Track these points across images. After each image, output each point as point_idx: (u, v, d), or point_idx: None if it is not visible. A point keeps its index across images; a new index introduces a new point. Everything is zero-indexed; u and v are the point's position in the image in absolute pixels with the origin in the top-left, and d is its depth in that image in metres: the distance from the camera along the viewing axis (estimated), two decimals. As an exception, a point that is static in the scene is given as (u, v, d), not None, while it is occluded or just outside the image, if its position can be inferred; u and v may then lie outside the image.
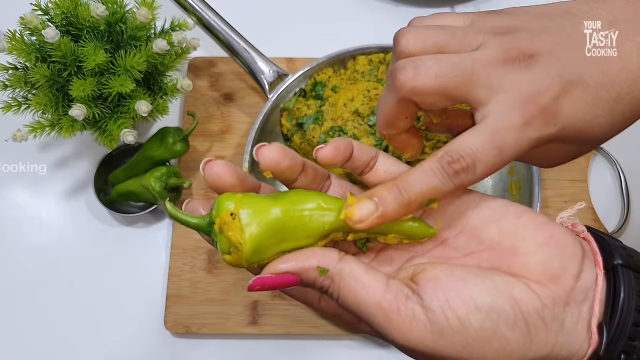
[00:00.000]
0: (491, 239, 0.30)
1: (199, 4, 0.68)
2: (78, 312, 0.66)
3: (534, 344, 0.27)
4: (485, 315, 0.26)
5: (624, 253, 0.29)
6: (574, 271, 0.28)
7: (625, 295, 0.27)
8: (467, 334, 0.26)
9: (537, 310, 0.27)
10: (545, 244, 0.28)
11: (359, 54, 0.70)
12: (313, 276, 0.28)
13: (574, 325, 0.28)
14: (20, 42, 0.59)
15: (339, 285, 0.28)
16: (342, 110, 0.66)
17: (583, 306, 0.28)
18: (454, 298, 0.27)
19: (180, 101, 0.77)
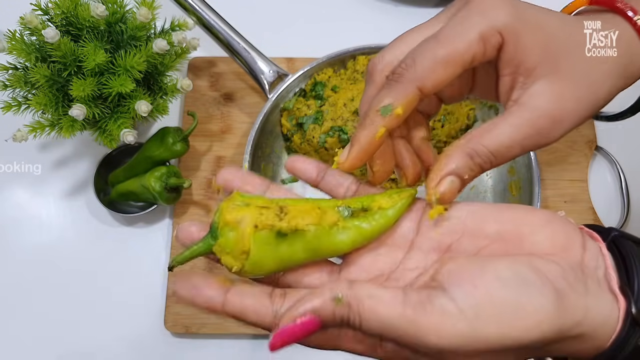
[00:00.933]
0: (495, 232, 0.30)
1: (199, 4, 0.68)
2: (78, 311, 0.66)
3: (565, 307, 0.27)
4: (515, 286, 0.27)
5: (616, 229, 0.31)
6: (579, 242, 0.29)
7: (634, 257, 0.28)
8: (502, 309, 0.26)
9: (560, 273, 0.27)
10: (546, 223, 0.30)
11: (359, 53, 0.70)
12: (331, 309, 0.27)
13: (597, 289, 0.28)
14: (20, 42, 0.59)
15: (357, 309, 0.27)
16: (342, 110, 0.66)
17: (599, 273, 0.29)
18: (478, 279, 0.27)
19: (180, 101, 0.77)
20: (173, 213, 0.70)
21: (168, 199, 0.65)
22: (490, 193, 0.71)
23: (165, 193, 0.64)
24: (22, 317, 0.66)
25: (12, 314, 0.66)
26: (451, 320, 0.26)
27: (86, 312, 0.66)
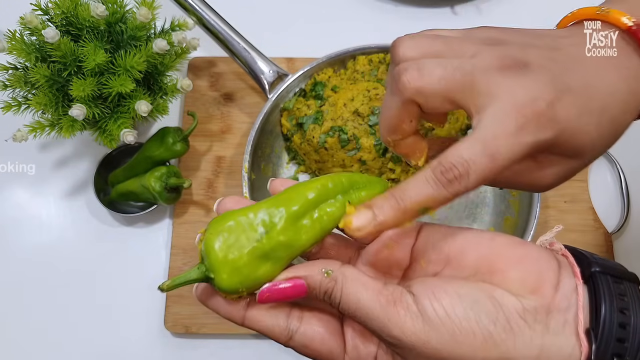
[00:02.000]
0: (471, 264, 0.31)
1: (199, 4, 0.68)
2: (78, 311, 0.66)
3: (518, 341, 0.28)
4: (468, 307, 0.28)
5: (600, 262, 0.30)
6: (551, 282, 0.29)
7: (607, 299, 0.28)
8: (452, 324, 0.28)
9: (517, 311, 0.28)
10: (520, 260, 0.30)
11: (359, 53, 0.70)
12: (319, 279, 0.30)
13: (560, 330, 0.28)
14: (20, 42, 0.59)
15: (342, 285, 0.29)
16: (342, 110, 0.66)
17: (568, 313, 0.28)
18: (440, 292, 0.28)
19: (180, 101, 0.77)
20: (173, 213, 0.70)
21: (168, 199, 0.65)
22: (490, 192, 0.71)
23: (165, 193, 0.64)
24: (22, 317, 0.66)
25: (12, 314, 0.66)
26: (412, 319, 0.28)
27: (86, 312, 0.66)
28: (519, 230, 0.64)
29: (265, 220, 0.30)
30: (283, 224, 0.30)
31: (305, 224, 0.31)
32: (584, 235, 0.69)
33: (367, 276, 0.30)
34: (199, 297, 0.32)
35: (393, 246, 0.32)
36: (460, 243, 0.31)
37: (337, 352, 0.32)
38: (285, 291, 0.30)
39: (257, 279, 0.30)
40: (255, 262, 0.30)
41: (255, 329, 0.31)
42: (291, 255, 0.31)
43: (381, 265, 0.33)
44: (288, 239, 0.30)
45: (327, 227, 0.32)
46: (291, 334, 0.31)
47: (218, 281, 0.30)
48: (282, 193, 0.32)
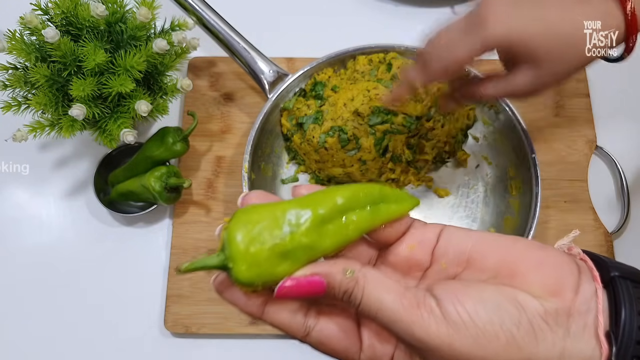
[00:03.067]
0: (492, 266, 0.31)
1: (198, 3, 0.68)
2: (77, 311, 0.66)
3: (541, 344, 0.28)
4: (492, 310, 0.28)
5: (619, 266, 0.31)
6: (572, 285, 0.29)
7: (627, 302, 0.28)
8: (476, 327, 0.28)
9: (540, 314, 0.28)
10: (541, 264, 0.30)
11: (359, 53, 0.70)
12: (339, 279, 0.29)
13: (580, 333, 0.29)
14: (20, 41, 0.59)
15: (363, 286, 0.29)
16: (342, 110, 0.66)
17: (588, 317, 0.29)
18: (464, 296, 0.29)
19: (180, 101, 0.77)
20: (173, 213, 0.70)
21: (168, 199, 0.65)
22: (490, 193, 0.71)
23: (165, 193, 0.64)
24: (22, 317, 0.66)
25: (12, 314, 0.66)
26: (436, 322, 0.28)
27: (86, 312, 0.66)
28: (519, 230, 0.64)
29: (291, 220, 0.30)
30: (308, 226, 0.30)
31: (330, 229, 0.30)
32: (584, 235, 0.69)
33: (389, 279, 0.30)
34: (217, 288, 0.31)
35: (414, 247, 0.33)
36: (481, 246, 0.32)
37: (353, 351, 0.32)
38: (304, 288, 0.29)
39: (274, 275, 0.29)
40: (275, 259, 0.29)
41: (274, 323, 0.31)
42: (311, 258, 0.30)
43: (402, 266, 0.33)
44: (311, 241, 0.30)
45: (351, 237, 0.31)
46: (308, 331, 0.31)
47: (236, 272, 0.29)
48: (311, 194, 0.31)
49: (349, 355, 0.32)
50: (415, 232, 0.33)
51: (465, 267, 0.32)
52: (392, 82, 0.67)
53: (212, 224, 0.69)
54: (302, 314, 0.31)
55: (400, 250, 0.33)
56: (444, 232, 0.33)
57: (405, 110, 0.65)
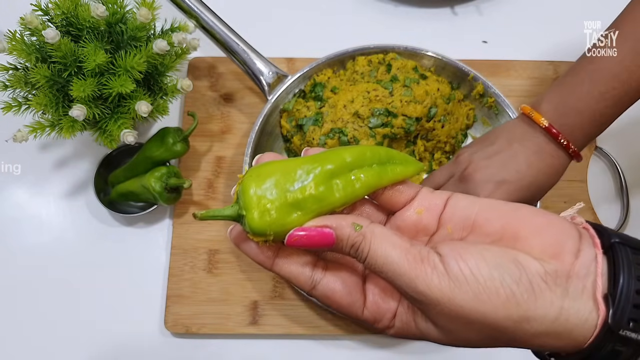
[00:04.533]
0: (496, 231, 0.32)
1: (197, 5, 0.68)
2: (78, 311, 0.66)
3: (539, 301, 0.29)
4: (493, 267, 0.29)
5: (620, 234, 0.31)
6: (572, 249, 0.30)
7: (625, 267, 0.29)
8: (477, 283, 0.29)
9: (540, 274, 0.29)
10: (543, 228, 0.31)
11: (358, 54, 0.70)
12: (347, 232, 0.31)
13: (579, 294, 0.29)
14: (20, 42, 0.59)
15: (370, 241, 0.31)
16: (342, 112, 0.66)
17: (587, 280, 0.30)
18: (466, 253, 0.30)
19: (180, 101, 0.77)
20: (173, 213, 0.70)
21: (168, 199, 0.65)
22: (490, 193, 0.71)
23: (165, 193, 0.64)
24: (22, 317, 0.66)
25: (12, 313, 0.67)
26: (438, 277, 0.29)
27: (86, 312, 0.66)
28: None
29: (301, 174, 0.32)
30: (318, 179, 0.31)
31: (339, 184, 0.32)
32: (583, 235, 0.69)
33: (395, 234, 0.31)
34: (234, 240, 0.33)
35: (422, 212, 0.34)
36: (486, 211, 0.33)
37: (357, 305, 0.33)
38: (313, 238, 0.31)
39: (285, 225, 0.31)
40: (287, 209, 0.31)
41: (282, 274, 0.33)
42: (321, 210, 0.32)
43: (409, 230, 0.34)
44: (320, 194, 0.31)
45: (358, 192, 0.33)
46: (314, 284, 0.33)
47: (249, 220, 0.31)
48: (320, 153, 0.33)
49: (353, 309, 0.33)
50: (423, 198, 0.34)
51: (470, 232, 0.33)
52: (391, 84, 0.67)
53: (212, 224, 0.69)
54: (310, 267, 0.33)
55: (409, 214, 0.34)
56: (451, 198, 0.34)
57: (405, 111, 0.65)
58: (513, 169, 0.56)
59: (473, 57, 0.76)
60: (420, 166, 0.35)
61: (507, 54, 0.78)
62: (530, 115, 0.57)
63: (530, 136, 0.57)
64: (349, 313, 0.34)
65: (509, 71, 0.78)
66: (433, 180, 0.61)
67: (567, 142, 0.56)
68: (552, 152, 0.57)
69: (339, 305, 0.33)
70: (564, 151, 0.56)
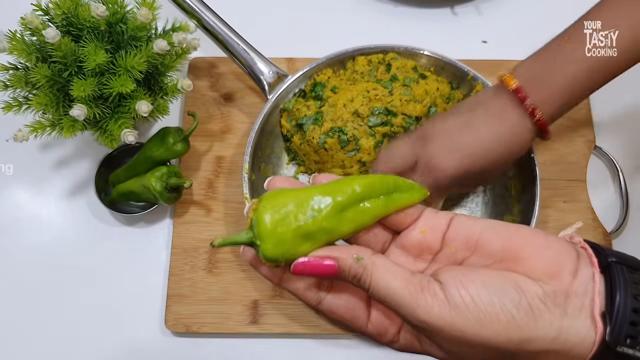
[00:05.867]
0: (497, 251, 0.33)
1: (198, 5, 0.68)
2: (78, 311, 0.67)
3: (539, 323, 0.30)
4: (493, 293, 0.30)
5: (616, 253, 0.32)
6: (570, 269, 0.31)
7: (622, 286, 0.30)
8: (478, 309, 0.30)
9: (539, 296, 0.30)
10: (542, 249, 0.32)
11: (358, 54, 0.70)
12: (349, 263, 0.32)
13: (577, 313, 0.30)
14: (20, 42, 0.59)
15: (371, 272, 0.32)
16: (341, 111, 0.66)
17: (585, 298, 0.31)
18: (467, 281, 0.31)
19: (181, 101, 0.77)
20: (173, 213, 0.70)
21: (169, 199, 0.65)
22: (490, 192, 0.71)
23: (165, 193, 0.64)
24: (22, 317, 0.66)
25: (13, 313, 0.67)
26: (439, 306, 0.30)
27: (87, 312, 0.66)
28: (518, 230, 0.64)
29: (314, 206, 0.33)
30: (329, 212, 0.33)
31: (349, 215, 0.34)
32: (583, 234, 0.68)
33: (396, 265, 0.32)
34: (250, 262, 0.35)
35: (426, 231, 0.35)
36: (488, 232, 0.34)
37: (361, 320, 0.35)
38: (317, 268, 0.32)
39: (296, 254, 0.33)
40: (298, 240, 0.33)
41: (290, 291, 0.35)
42: (330, 240, 0.34)
43: (414, 248, 0.36)
44: (331, 226, 0.33)
45: (367, 222, 0.35)
46: (320, 299, 0.35)
47: (263, 249, 0.33)
48: (332, 182, 0.35)
49: (357, 324, 0.35)
50: (427, 218, 0.36)
51: (473, 252, 0.34)
52: (391, 83, 0.67)
53: (212, 223, 0.70)
54: (316, 286, 0.35)
55: (414, 234, 0.36)
56: (455, 219, 0.35)
57: (405, 110, 0.65)
58: (471, 132, 0.55)
59: (473, 57, 0.76)
60: (425, 192, 0.36)
61: (507, 54, 0.78)
62: (502, 78, 0.56)
63: (497, 99, 0.55)
64: (353, 327, 0.35)
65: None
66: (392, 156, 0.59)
67: (533, 108, 0.54)
68: (516, 119, 0.55)
69: (343, 319, 0.35)
70: (530, 119, 0.54)
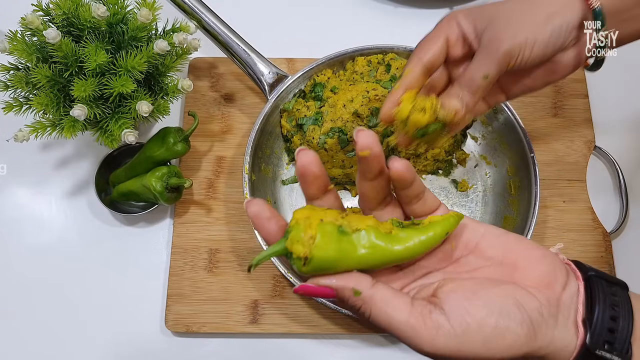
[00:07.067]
0: (496, 257, 0.36)
1: (198, 6, 0.68)
2: (78, 310, 0.67)
3: (538, 336, 0.33)
4: (499, 316, 0.32)
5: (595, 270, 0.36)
6: (561, 281, 0.35)
7: (601, 297, 0.34)
8: (484, 333, 0.32)
9: (537, 308, 0.33)
10: (539, 260, 0.35)
11: (357, 54, 0.71)
12: (347, 295, 0.33)
13: (565, 322, 0.34)
14: (21, 42, 0.59)
15: (370, 307, 0.33)
16: (341, 112, 0.66)
17: (570, 309, 0.34)
18: (472, 307, 0.32)
19: (181, 102, 0.77)
20: (174, 213, 0.70)
21: (169, 199, 0.65)
22: (489, 192, 0.71)
23: (166, 193, 0.64)
24: (22, 316, 0.67)
25: (13, 312, 0.67)
26: (444, 336, 0.32)
27: (87, 312, 0.67)
28: (518, 230, 0.64)
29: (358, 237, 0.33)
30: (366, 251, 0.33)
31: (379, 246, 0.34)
32: (582, 234, 0.69)
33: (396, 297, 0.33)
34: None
35: None
36: (489, 237, 0.37)
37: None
38: (317, 292, 0.33)
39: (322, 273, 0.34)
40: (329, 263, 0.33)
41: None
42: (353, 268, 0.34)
43: None
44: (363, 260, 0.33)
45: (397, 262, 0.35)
46: None
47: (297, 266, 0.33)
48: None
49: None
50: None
51: (471, 252, 0.36)
52: (390, 83, 0.67)
53: (213, 223, 0.70)
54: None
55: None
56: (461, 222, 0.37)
57: None
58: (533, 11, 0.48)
59: (472, 57, 0.76)
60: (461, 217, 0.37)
61: (507, 54, 0.78)
62: None
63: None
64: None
65: (508, 71, 0.78)
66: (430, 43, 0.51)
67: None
68: None
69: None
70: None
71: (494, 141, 0.72)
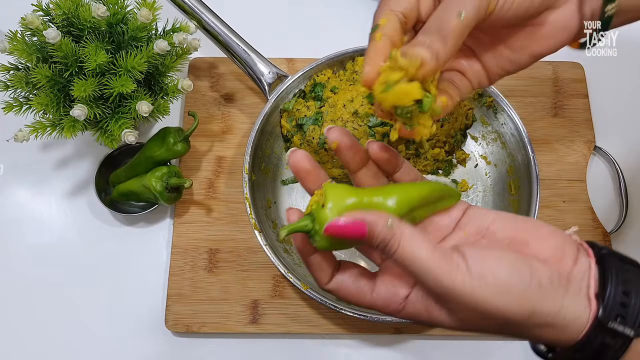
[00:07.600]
0: (507, 237, 0.38)
1: (198, 6, 0.68)
2: (78, 310, 0.67)
3: (545, 299, 0.34)
4: (510, 269, 0.34)
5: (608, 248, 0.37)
6: (572, 256, 0.36)
7: (614, 272, 0.35)
8: (496, 281, 0.33)
9: (547, 275, 0.34)
10: (548, 236, 0.37)
11: (357, 55, 0.71)
12: (379, 228, 0.34)
13: (576, 294, 0.34)
14: (21, 42, 0.59)
15: (399, 239, 0.34)
16: (341, 112, 0.66)
17: (582, 283, 0.35)
18: (488, 256, 0.34)
19: (181, 102, 0.77)
20: (174, 213, 0.70)
21: (169, 199, 0.65)
22: (490, 192, 0.71)
23: (166, 193, 0.64)
24: (22, 316, 0.67)
25: (13, 312, 0.67)
26: (461, 274, 0.33)
27: (87, 312, 0.67)
28: (518, 230, 0.64)
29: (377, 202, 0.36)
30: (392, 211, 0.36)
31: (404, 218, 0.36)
32: (582, 234, 0.69)
33: (422, 235, 0.34)
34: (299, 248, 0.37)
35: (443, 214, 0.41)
36: (499, 221, 0.39)
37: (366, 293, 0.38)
38: (348, 229, 0.34)
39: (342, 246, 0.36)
40: None
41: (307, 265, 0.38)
42: None
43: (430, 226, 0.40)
44: None
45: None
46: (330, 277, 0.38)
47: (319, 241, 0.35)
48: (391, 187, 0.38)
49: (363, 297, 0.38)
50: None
51: (483, 237, 0.39)
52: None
53: (213, 223, 0.70)
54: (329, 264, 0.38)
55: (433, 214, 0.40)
56: (470, 209, 0.41)
57: None
58: None
59: (472, 57, 0.76)
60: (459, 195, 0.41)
61: (507, 54, 0.78)
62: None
63: None
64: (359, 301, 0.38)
65: (508, 71, 0.78)
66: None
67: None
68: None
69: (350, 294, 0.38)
70: None
71: (494, 141, 0.72)
